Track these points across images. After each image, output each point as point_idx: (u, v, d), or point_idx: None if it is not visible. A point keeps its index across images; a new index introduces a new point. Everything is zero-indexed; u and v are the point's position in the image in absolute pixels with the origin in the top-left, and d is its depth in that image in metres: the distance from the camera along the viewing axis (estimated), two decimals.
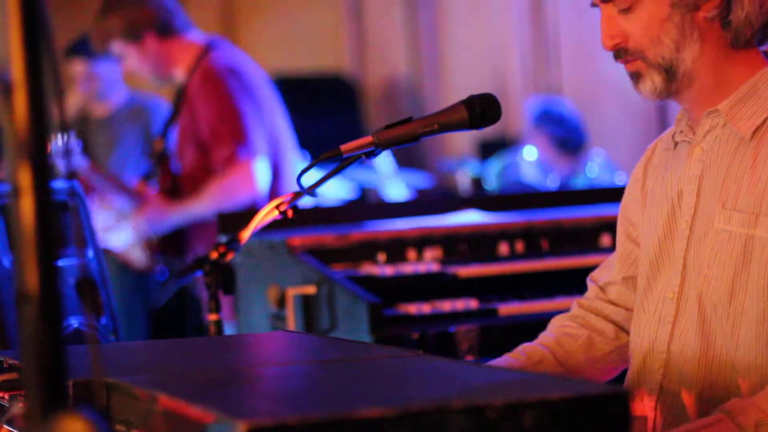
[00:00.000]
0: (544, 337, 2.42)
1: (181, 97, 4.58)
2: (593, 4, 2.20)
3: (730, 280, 2.08)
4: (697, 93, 2.16)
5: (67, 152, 1.31)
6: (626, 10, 2.13)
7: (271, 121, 4.52)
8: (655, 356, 2.19)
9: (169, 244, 4.69)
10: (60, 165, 1.30)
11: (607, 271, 2.45)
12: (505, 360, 2.36)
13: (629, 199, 2.39)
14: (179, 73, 4.58)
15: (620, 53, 2.16)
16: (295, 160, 4.64)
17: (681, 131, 2.23)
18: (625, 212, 2.40)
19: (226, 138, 4.39)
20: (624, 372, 2.33)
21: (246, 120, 4.41)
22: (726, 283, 2.09)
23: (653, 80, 2.14)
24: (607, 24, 2.16)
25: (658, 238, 2.22)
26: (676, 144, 2.25)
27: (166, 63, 4.58)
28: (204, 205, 4.43)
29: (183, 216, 4.51)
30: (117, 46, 4.60)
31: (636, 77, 2.16)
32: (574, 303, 2.47)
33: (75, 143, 4.54)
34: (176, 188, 4.59)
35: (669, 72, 2.13)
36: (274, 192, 4.41)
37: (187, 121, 4.52)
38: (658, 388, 2.18)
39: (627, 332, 2.38)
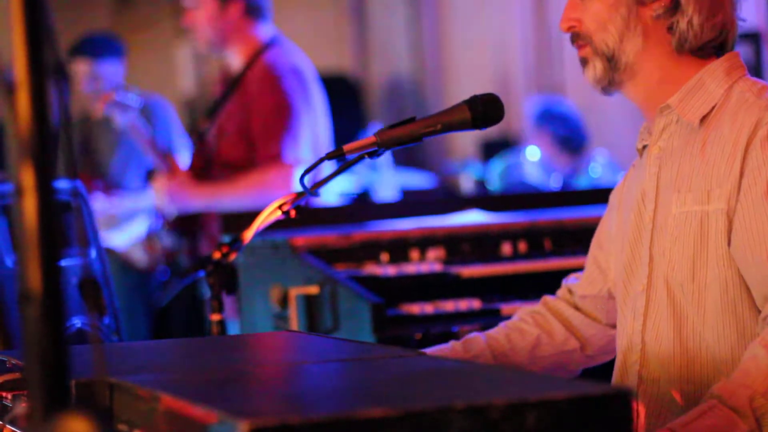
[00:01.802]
0: (497, 329, 2.46)
1: (234, 85, 4.52)
2: None
3: (690, 257, 2.12)
4: (644, 88, 2.22)
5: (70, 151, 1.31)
6: None
7: (320, 124, 4.50)
8: (632, 350, 2.23)
9: (185, 224, 4.64)
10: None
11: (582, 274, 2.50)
12: (444, 348, 2.40)
13: (603, 228, 2.45)
14: (233, 57, 4.52)
15: (573, 38, 2.25)
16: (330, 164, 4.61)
17: (642, 139, 2.29)
18: (598, 236, 2.47)
19: (277, 136, 4.34)
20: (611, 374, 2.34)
21: (299, 123, 4.37)
22: (688, 261, 2.13)
23: (596, 67, 2.22)
24: (568, 8, 2.26)
25: (629, 243, 2.26)
26: (642, 153, 2.30)
27: (230, 38, 4.49)
28: (236, 193, 4.36)
29: (210, 199, 4.44)
30: None
31: (584, 63, 2.25)
32: (542, 298, 2.52)
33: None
34: (207, 171, 4.55)
35: (611, 61, 2.20)
36: None
37: (236, 111, 4.46)
38: (637, 379, 2.20)
39: (578, 339, 2.43)
